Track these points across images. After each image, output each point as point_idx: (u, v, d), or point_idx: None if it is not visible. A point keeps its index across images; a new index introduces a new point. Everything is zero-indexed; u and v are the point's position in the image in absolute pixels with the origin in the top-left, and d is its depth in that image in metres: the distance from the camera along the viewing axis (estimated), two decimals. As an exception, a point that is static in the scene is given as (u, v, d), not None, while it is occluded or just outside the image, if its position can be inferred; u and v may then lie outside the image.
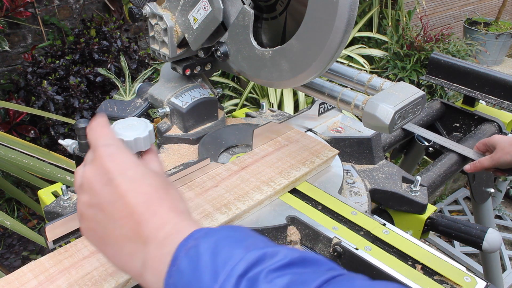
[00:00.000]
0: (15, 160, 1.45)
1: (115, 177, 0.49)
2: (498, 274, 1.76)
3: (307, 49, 0.71)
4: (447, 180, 1.20)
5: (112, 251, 0.50)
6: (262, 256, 0.42)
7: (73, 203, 0.85)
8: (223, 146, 0.96)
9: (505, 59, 4.33)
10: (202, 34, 0.84)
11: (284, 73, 0.76)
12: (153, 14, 0.89)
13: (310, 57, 0.71)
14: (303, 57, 0.72)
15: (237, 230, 0.47)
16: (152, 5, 0.89)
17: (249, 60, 0.81)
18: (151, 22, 0.91)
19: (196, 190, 0.77)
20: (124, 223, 0.48)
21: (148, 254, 0.46)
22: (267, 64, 0.79)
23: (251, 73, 0.83)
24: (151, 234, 0.46)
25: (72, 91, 2.24)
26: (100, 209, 0.49)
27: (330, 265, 0.44)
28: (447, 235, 0.91)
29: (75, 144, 0.72)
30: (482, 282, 0.63)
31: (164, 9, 0.89)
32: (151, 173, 0.51)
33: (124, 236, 0.48)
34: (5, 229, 2.32)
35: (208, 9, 0.80)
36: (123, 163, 0.50)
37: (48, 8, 2.58)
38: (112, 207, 0.48)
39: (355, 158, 0.99)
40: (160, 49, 0.92)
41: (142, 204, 0.48)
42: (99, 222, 0.50)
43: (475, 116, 1.39)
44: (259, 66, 0.80)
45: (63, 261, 0.63)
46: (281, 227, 0.74)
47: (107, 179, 0.49)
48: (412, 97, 0.72)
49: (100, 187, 0.49)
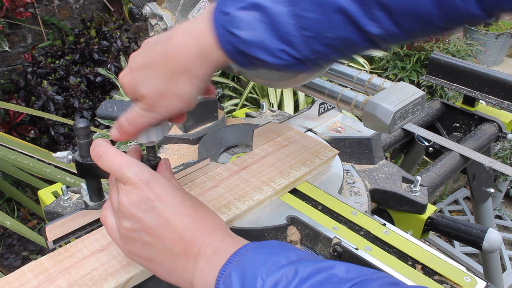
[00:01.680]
0: (15, 161, 1.45)
1: (156, 204, 0.53)
2: (498, 274, 1.76)
3: None
4: (447, 180, 1.20)
5: (163, 269, 0.54)
6: (279, 278, 0.44)
7: (73, 203, 0.85)
8: (223, 146, 0.96)
9: (505, 59, 4.33)
10: None
11: (285, 73, 0.76)
12: (153, 14, 0.89)
13: None
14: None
15: (264, 250, 0.50)
16: (152, 5, 0.90)
17: None
18: (151, 22, 0.91)
19: (196, 190, 0.77)
20: (174, 244, 0.52)
21: (197, 268, 0.52)
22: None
23: (251, 73, 0.83)
24: (201, 251, 0.52)
25: (72, 91, 2.24)
26: (146, 233, 0.53)
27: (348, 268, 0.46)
28: (447, 235, 0.91)
29: (70, 155, 0.71)
30: (482, 282, 0.63)
31: (164, 9, 0.89)
32: (185, 195, 0.56)
33: (175, 255, 0.53)
34: (5, 229, 2.32)
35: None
36: (160, 189, 0.54)
37: (48, 8, 2.58)
38: (159, 231, 0.53)
39: (355, 158, 0.99)
40: None
41: (189, 226, 0.53)
42: (146, 244, 0.53)
43: (475, 116, 1.39)
44: None
45: (63, 261, 0.63)
46: (281, 227, 0.74)
47: (148, 206, 0.53)
48: (412, 97, 0.72)
49: (142, 213, 0.53)
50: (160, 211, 0.53)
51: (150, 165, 0.65)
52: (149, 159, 0.66)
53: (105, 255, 0.64)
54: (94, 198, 0.73)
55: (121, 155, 0.56)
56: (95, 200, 0.73)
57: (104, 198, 0.74)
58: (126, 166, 0.55)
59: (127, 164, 0.55)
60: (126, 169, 0.54)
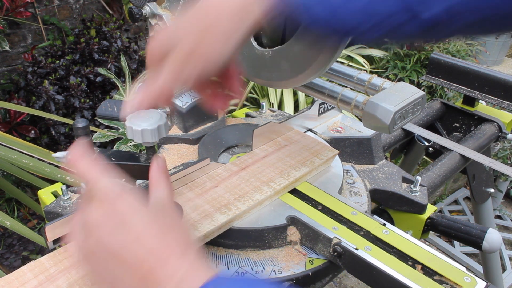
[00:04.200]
0: (15, 160, 1.45)
1: (121, 224, 0.48)
2: (498, 274, 1.76)
3: (307, 49, 0.71)
4: (447, 180, 1.20)
5: None
6: None
7: (73, 203, 0.85)
8: (223, 146, 0.96)
9: (505, 59, 4.33)
10: None
11: (284, 73, 0.76)
12: (153, 14, 0.89)
13: (310, 57, 0.71)
14: (303, 57, 0.72)
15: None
16: (152, 5, 0.89)
17: (249, 60, 0.81)
18: (151, 22, 0.91)
19: (196, 190, 0.77)
20: (137, 268, 0.47)
21: None
22: (267, 64, 0.78)
23: (251, 73, 0.82)
24: (166, 278, 0.46)
25: (73, 91, 2.25)
26: (109, 255, 0.48)
27: None
28: (447, 235, 0.91)
29: None
30: (482, 282, 0.63)
31: (164, 9, 0.89)
32: (156, 215, 0.50)
33: (139, 280, 0.47)
34: (5, 229, 2.32)
35: None
36: (127, 208, 0.49)
37: (48, 8, 2.58)
38: (122, 253, 0.47)
39: (355, 158, 0.99)
40: None
41: (155, 249, 0.47)
42: (109, 267, 0.48)
43: (475, 116, 1.39)
44: (259, 66, 0.79)
45: (63, 261, 0.63)
46: (281, 227, 0.74)
47: (112, 227, 0.48)
48: (412, 97, 0.72)
49: (106, 234, 0.48)
50: (125, 232, 0.47)
51: (150, 164, 0.65)
52: (148, 159, 0.66)
53: (105, 255, 0.64)
54: (94, 198, 0.73)
55: (93, 166, 0.52)
56: (95, 200, 0.73)
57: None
58: (95, 180, 0.50)
59: (97, 178, 0.50)
60: (96, 183, 0.51)
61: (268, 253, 0.74)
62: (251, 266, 0.71)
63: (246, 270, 0.70)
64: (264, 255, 0.73)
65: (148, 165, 0.66)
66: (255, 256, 0.73)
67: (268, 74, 0.79)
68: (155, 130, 0.61)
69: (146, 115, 0.63)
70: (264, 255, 0.73)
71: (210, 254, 0.73)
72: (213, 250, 0.74)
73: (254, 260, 0.72)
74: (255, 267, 0.71)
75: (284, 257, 0.73)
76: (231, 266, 0.71)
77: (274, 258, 0.73)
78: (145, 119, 0.62)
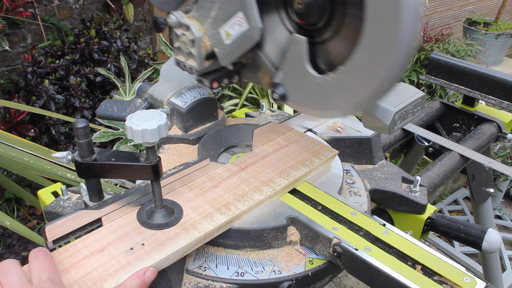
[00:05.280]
0: (15, 158, 1.45)
1: None
2: (498, 274, 1.76)
3: (376, 54, 0.60)
4: (447, 180, 1.20)
5: None
6: None
7: (73, 203, 0.85)
8: (223, 146, 0.96)
9: (505, 59, 4.33)
10: (235, 52, 0.76)
11: (356, 93, 0.65)
12: (179, 23, 0.82)
13: (383, 61, 0.60)
14: (373, 66, 0.61)
15: None
16: (178, 13, 0.82)
17: (312, 92, 0.70)
18: (176, 32, 0.84)
19: (196, 190, 0.78)
20: None
21: None
22: (333, 90, 0.67)
23: (318, 106, 0.71)
24: None
25: (73, 91, 2.25)
26: None
27: None
28: (447, 235, 0.91)
29: (70, 155, 0.71)
30: (481, 282, 0.63)
31: (192, 18, 0.81)
32: None
33: None
34: (5, 229, 2.32)
35: (244, 27, 0.72)
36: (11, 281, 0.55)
37: (48, 8, 2.58)
38: None
39: (355, 158, 0.99)
40: (186, 61, 0.85)
41: None
42: None
43: (474, 116, 1.39)
44: (325, 95, 0.69)
45: (63, 261, 0.63)
46: (281, 228, 0.74)
47: None
48: (412, 97, 0.72)
49: None
50: None
51: (150, 164, 0.66)
52: (148, 159, 0.66)
53: (105, 255, 0.64)
54: (93, 198, 0.73)
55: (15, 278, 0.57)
56: (94, 200, 0.73)
57: (103, 198, 0.74)
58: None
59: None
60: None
61: (268, 253, 0.74)
62: (251, 266, 0.71)
63: (246, 270, 0.70)
64: (264, 255, 0.73)
65: (148, 165, 0.66)
66: (255, 256, 0.73)
67: (338, 103, 0.68)
68: (155, 130, 0.61)
69: (146, 115, 0.63)
70: (264, 255, 0.73)
71: (210, 254, 0.73)
72: (213, 250, 0.74)
73: (254, 260, 0.72)
74: (255, 267, 0.71)
75: (284, 257, 0.73)
76: (231, 266, 0.71)
77: (274, 258, 0.73)
78: (145, 119, 0.62)
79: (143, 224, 0.70)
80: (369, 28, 0.59)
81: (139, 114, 0.63)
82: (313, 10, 0.68)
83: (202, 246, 0.71)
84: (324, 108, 0.70)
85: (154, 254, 0.64)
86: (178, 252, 0.66)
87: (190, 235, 0.68)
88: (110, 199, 0.72)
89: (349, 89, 0.65)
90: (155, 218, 0.70)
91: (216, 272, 0.70)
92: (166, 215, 0.71)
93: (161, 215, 0.71)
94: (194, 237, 0.67)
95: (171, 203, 0.74)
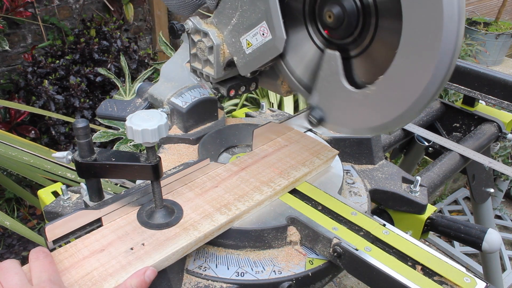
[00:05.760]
0: (15, 158, 1.45)
1: None
2: (498, 274, 1.76)
3: (417, 60, 0.57)
4: (447, 180, 1.20)
5: None
6: None
7: (73, 203, 0.85)
8: (223, 146, 0.96)
9: (505, 59, 4.33)
10: (256, 62, 0.75)
11: (398, 104, 0.62)
12: (196, 30, 0.81)
13: (426, 65, 0.57)
14: (417, 72, 0.58)
15: None
16: (195, 19, 0.80)
17: (351, 110, 0.66)
18: (193, 39, 0.82)
19: (196, 190, 0.77)
20: None
21: None
22: (374, 103, 0.64)
23: (358, 125, 0.67)
24: None
25: (73, 91, 2.25)
26: None
27: None
28: (447, 235, 0.91)
29: (70, 155, 0.71)
30: (481, 283, 0.63)
31: (210, 24, 0.79)
32: None
33: None
34: (5, 229, 2.32)
35: (268, 37, 0.71)
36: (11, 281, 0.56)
37: (48, 8, 2.58)
38: None
39: (355, 158, 0.99)
40: (203, 68, 0.83)
41: None
42: None
43: (475, 116, 1.39)
44: (365, 110, 0.65)
45: (63, 261, 0.63)
46: (281, 228, 0.74)
47: None
48: (412, 97, 0.72)
49: None
50: None
51: (150, 164, 0.66)
52: (148, 159, 0.66)
53: (105, 255, 0.64)
54: (93, 198, 0.73)
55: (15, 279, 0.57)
56: (94, 200, 0.73)
57: (104, 198, 0.74)
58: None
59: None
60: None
61: (268, 253, 0.74)
62: (251, 266, 0.71)
63: (246, 270, 0.70)
64: (264, 255, 0.73)
65: (148, 165, 0.66)
66: (255, 256, 0.73)
67: (379, 117, 0.65)
68: (155, 130, 0.61)
69: (146, 115, 0.63)
70: (264, 255, 0.73)
71: (210, 254, 0.73)
72: (213, 250, 0.74)
73: (254, 260, 0.72)
74: (255, 267, 0.71)
75: (284, 257, 0.73)
76: (231, 266, 0.71)
77: (274, 258, 0.73)
78: (145, 119, 0.62)
79: (143, 224, 0.70)
80: (407, 29, 0.55)
81: (139, 114, 0.63)
82: (344, 23, 0.65)
83: (202, 246, 0.71)
84: (365, 125, 0.67)
85: (154, 254, 0.64)
86: (178, 252, 0.66)
87: (190, 235, 0.68)
88: (110, 199, 0.72)
89: (391, 99, 0.61)
90: (155, 218, 0.70)
91: (216, 272, 0.70)
92: (166, 215, 0.71)
93: (161, 215, 0.71)
94: (194, 237, 0.67)
95: (171, 203, 0.74)
